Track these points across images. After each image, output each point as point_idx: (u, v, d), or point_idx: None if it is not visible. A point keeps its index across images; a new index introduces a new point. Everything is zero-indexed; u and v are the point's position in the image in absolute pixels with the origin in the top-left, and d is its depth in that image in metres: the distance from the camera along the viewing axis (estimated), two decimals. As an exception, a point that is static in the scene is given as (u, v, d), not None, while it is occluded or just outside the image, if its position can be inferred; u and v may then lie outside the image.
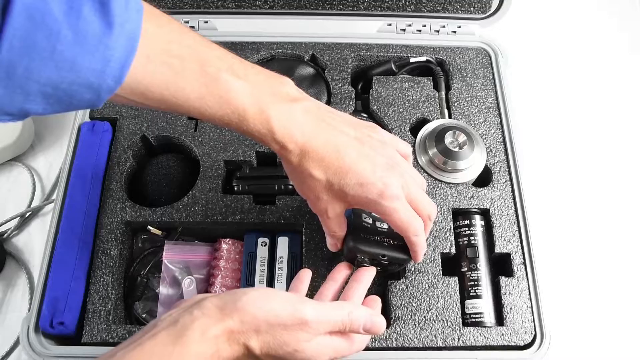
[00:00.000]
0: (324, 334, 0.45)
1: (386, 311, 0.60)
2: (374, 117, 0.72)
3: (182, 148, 0.71)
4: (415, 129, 0.70)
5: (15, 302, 0.71)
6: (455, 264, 0.63)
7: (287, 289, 0.58)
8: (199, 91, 0.44)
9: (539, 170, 0.77)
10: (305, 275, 0.55)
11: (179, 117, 0.70)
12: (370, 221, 0.57)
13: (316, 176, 0.49)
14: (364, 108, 0.73)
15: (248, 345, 0.42)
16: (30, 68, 0.35)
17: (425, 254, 0.62)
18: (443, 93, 0.73)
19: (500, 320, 0.60)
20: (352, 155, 0.49)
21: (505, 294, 0.61)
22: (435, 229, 0.64)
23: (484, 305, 0.60)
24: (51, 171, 0.80)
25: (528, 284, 0.62)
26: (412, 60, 0.75)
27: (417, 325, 0.59)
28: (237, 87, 0.45)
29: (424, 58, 0.75)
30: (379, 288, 0.62)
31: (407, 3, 0.77)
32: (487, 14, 0.77)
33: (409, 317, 0.59)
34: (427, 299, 0.60)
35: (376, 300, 0.53)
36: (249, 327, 0.42)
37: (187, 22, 0.77)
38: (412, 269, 0.62)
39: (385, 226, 0.57)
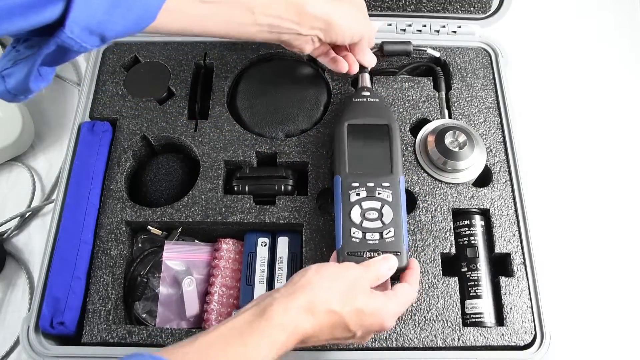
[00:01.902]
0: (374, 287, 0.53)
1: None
2: (378, 96, 0.70)
3: (182, 148, 0.71)
4: (415, 129, 0.70)
5: (15, 302, 0.71)
6: (455, 264, 0.63)
7: None
8: None
9: (539, 170, 0.77)
10: None
11: (178, 117, 0.70)
12: (360, 235, 0.58)
13: None
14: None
15: (332, 310, 0.48)
16: None
17: (425, 254, 0.62)
18: (443, 93, 0.73)
19: (500, 320, 0.60)
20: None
21: (505, 294, 0.61)
22: (435, 229, 0.64)
23: (484, 305, 0.60)
24: (51, 171, 0.80)
25: (528, 284, 0.62)
26: (428, 51, 0.74)
27: (417, 325, 0.59)
28: None
29: (437, 53, 0.75)
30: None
31: (407, 3, 0.77)
32: (487, 14, 0.77)
33: (409, 317, 0.59)
34: (427, 299, 0.60)
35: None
36: (326, 294, 0.48)
37: (187, 22, 0.77)
38: (412, 269, 0.62)
39: (375, 237, 0.58)
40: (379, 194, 0.60)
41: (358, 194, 0.60)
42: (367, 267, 0.53)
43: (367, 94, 0.67)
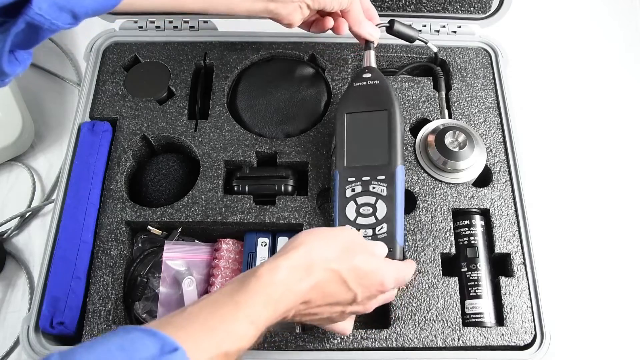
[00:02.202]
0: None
1: (386, 311, 0.60)
2: (379, 77, 0.68)
3: (182, 148, 0.71)
4: (415, 129, 0.70)
5: (15, 302, 0.71)
6: (455, 264, 0.63)
7: None
8: None
9: (539, 170, 0.77)
10: None
11: (179, 117, 0.70)
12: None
13: None
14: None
15: (330, 267, 0.46)
16: None
17: (425, 254, 0.62)
18: (443, 93, 0.73)
19: (500, 320, 0.60)
20: None
21: (505, 294, 0.61)
22: (435, 229, 0.64)
23: (484, 306, 0.60)
24: (51, 171, 0.80)
25: (528, 284, 0.62)
26: (429, 44, 0.72)
27: (417, 325, 0.59)
28: None
29: (435, 48, 0.73)
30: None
31: (407, 3, 0.77)
32: (487, 14, 0.77)
33: (409, 317, 0.59)
34: (427, 299, 0.60)
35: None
36: (323, 252, 0.47)
37: (187, 21, 0.77)
38: (412, 269, 0.62)
39: (369, 234, 0.59)
40: (373, 188, 0.59)
41: (353, 190, 0.60)
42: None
43: (368, 75, 0.64)
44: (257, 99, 0.72)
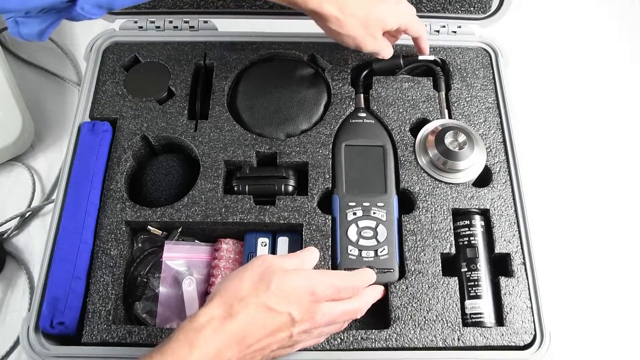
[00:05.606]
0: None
1: (386, 311, 0.60)
2: (374, 117, 0.71)
3: (182, 148, 0.71)
4: (415, 129, 0.70)
5: (15, 302, 0.71)
6: (455, 264, 0.63)
7: None
8: None
9: (539, 170, 0.77)
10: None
11: (178, 117, 0.70)
12: (356, 253, 0.62)
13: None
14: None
15: (248, 302, 0.48)
16: None
17: (425, 254, 0.62)
18: (443, 93, 0.73)
19: (500, 320, 0.60)
20: None
21: (505, 294, 0.61)
22: (435, 229, 0.64)
23: (484, 306, 0.61)
24: (51, 171, 0.80)
25: (528, 284, 0.62)
26: (420, 57, 0.74)
27: (417, 325, 0.59)
28: None
29: (432, 57, 0.75)
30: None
31: (407, 3, 0.76)
32: (487, 14, 0.77)
33: (409, 317, 0.59)
34: (427, 299, 0.60)
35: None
36: (235, 291, 0.48)
37: (187, 21, 0.77)
38: (412, 269, 0.62)
39: (371, 255, 0.61)
40: (374, 213, 0.63)
41: (354, 213, 0.63)
42: (285, 255, 0.54)
43: (364, 115, 0.71)
44: (257, 99, 0.72)
